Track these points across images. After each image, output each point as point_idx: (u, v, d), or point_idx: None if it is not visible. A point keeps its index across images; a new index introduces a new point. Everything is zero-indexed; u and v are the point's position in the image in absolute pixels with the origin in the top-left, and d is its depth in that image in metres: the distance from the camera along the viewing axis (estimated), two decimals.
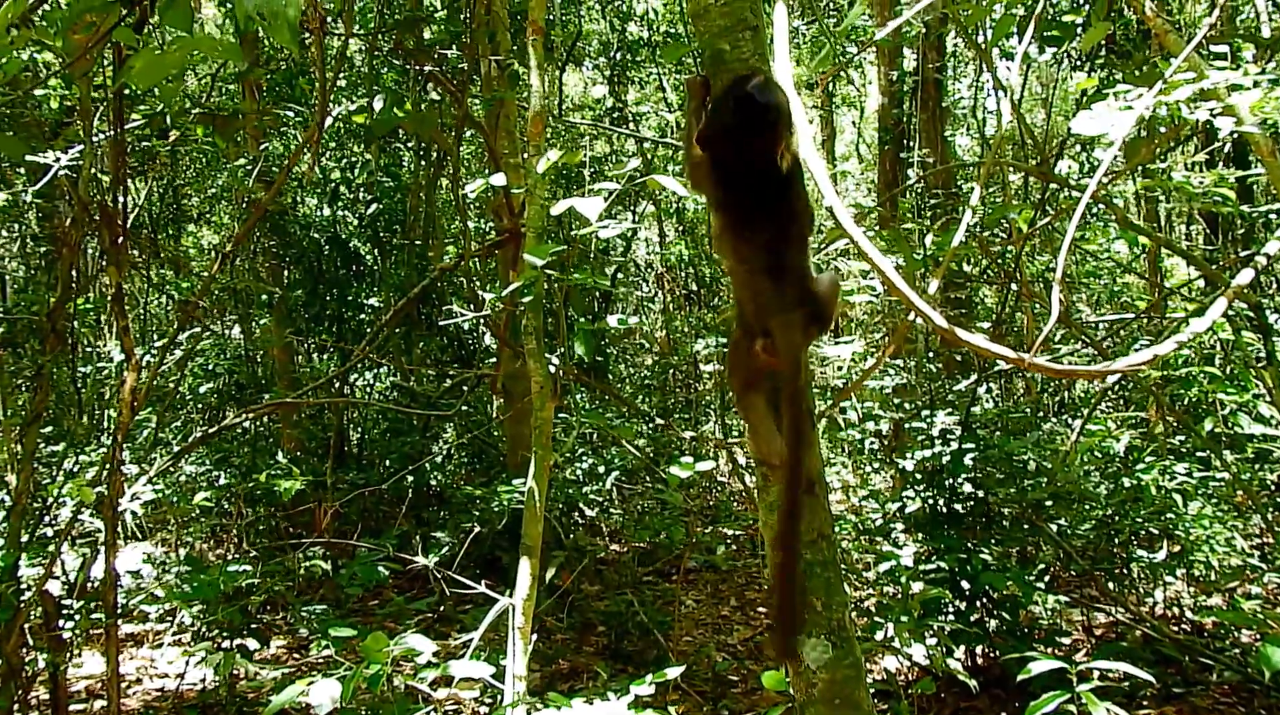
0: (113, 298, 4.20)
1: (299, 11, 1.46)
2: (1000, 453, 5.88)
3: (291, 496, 6.23)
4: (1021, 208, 4.86)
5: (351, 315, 9.69)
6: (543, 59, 4.02)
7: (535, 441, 3.81)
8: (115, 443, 4.33)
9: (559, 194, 9.62)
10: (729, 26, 2.22)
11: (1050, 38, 4.64)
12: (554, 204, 3.76)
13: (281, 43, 1.43)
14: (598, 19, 11.87)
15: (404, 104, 6.33)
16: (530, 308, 3.89)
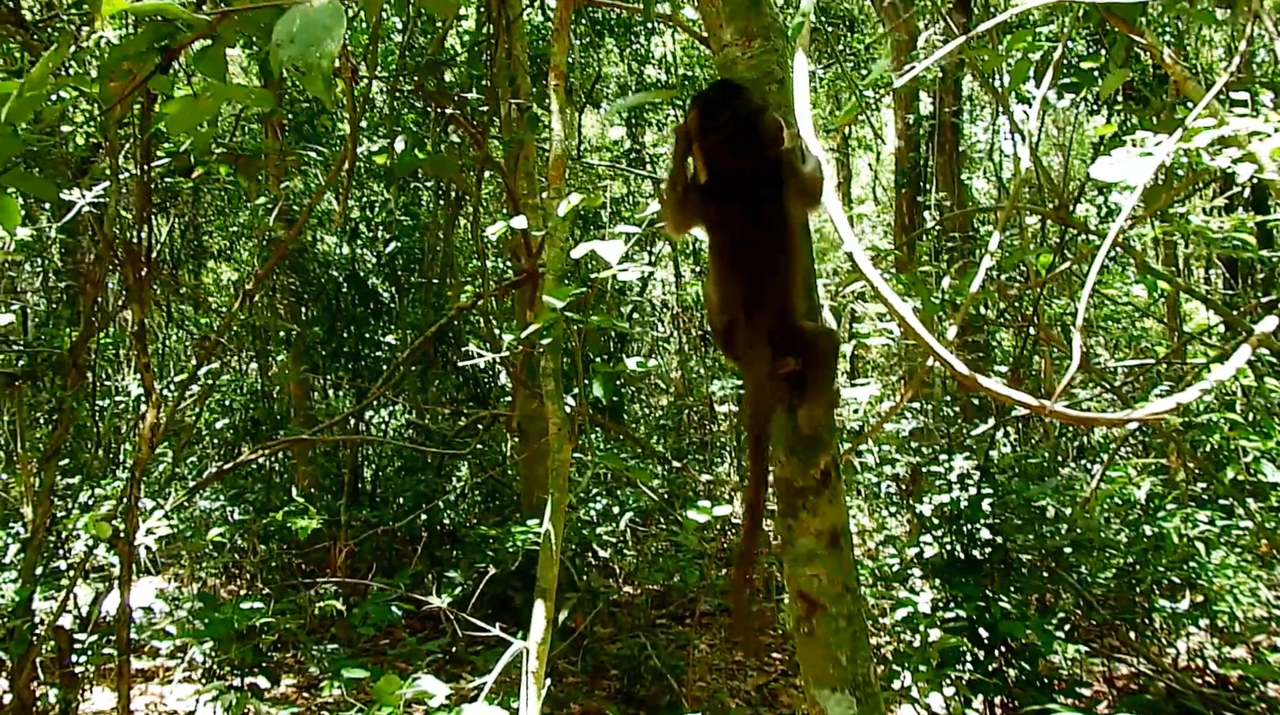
0: (134, 335, 4.22)
1: (333, 63, 1.48)
2: (1019, 498, 5.84)
3: (307, 535, 6.22)
4: (1040, 252, 4.86)
5: (368, 353, 9.72)
6: (564, 104, 4.05)
7: (552, 483, 3.80)
8: (133, 479, 4.34)
9: (577, 235, 9.66)
10: (756, 79, 2.24)
11: (1068, 84, 4.65)
12: (574, 247, 3.77)
13: (315, 93, 1.44)
14: (616, 62, 11.97)
15: (424, 146, 6.39)
16: (549, 350, 3.89)
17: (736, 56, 2.25)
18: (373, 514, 8.42)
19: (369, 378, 9.26)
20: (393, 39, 8.84)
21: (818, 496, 2.16)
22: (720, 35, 2.26)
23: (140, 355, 4.40)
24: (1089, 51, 6.68)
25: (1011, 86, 4.97)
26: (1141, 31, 3.78)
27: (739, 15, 2.24)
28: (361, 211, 9.90)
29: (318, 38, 1.56)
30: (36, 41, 4.66)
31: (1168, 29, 7.84)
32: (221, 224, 10.28)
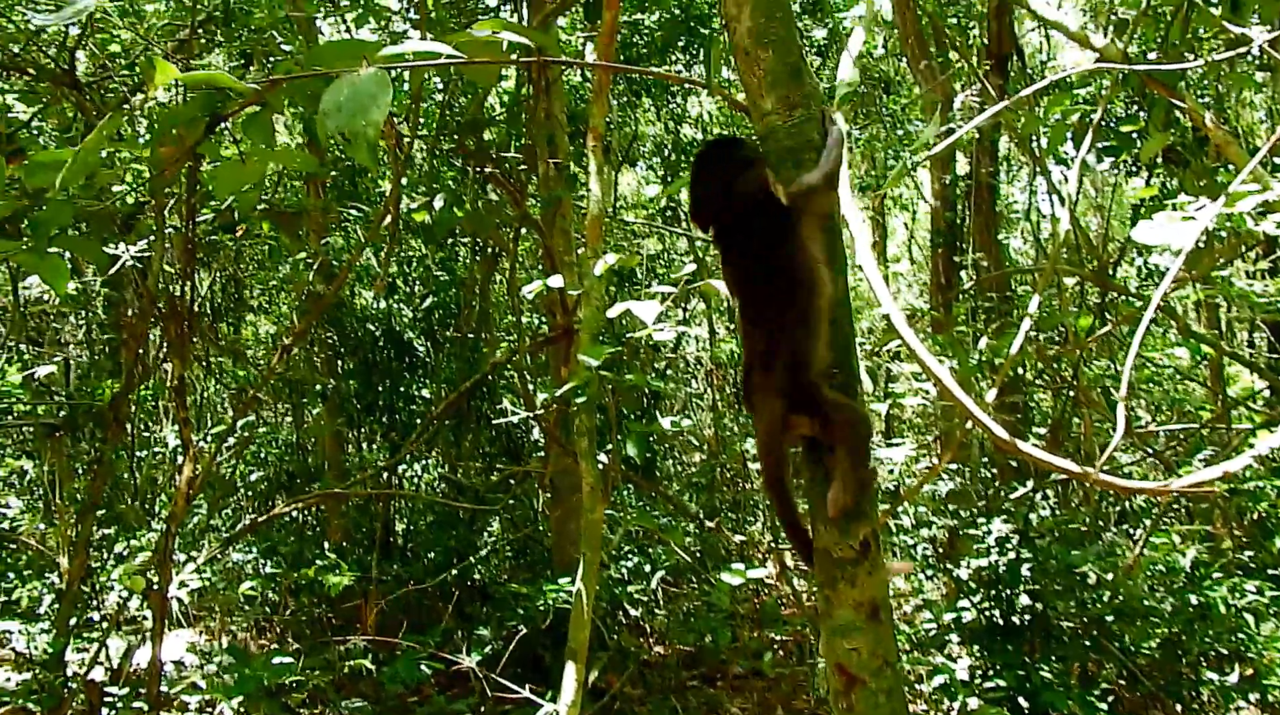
0: (174, 389, 4.26)
1: (379, 132, 1.50)
2: (1059, 564, 5.73)
3: (339, 591, 6.22)
4: (1080, 314, 4.82)
5: (403, 406, 9.76)
6: (602, 164, 4.09)
7: (584, 543, 3.78)
8: (168, 533, 4.36)
9: (613, 292, 9.69)
10: (794, 147, 2.24)
11: (1107, 148, 4.64)
12: (609, 305, 3.78)
13: (360, 161, 1.46)
14: (653, 121, 12.08)
15: (463, 204, 6.46)
16: (583, 408, 3.89)
17: (777, 125, 2.25)
18: (404, 569, 8.40)
19: (403, 432, 9.28)
20: (434, 98, 8.98)
21: (856, 567, 2.13)
22: (761, 104, 2.27)
23: (180, 409, 4.45)
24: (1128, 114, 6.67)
25: (1049, 149, 4.97)
26: (1182, 95, 3.77)
27: (780, 84, 2.25)
28: (399, 267, 10.00)
29: (364, 107, 1.58)
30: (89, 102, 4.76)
31: (1207, 91, 7.82)
32: (262, 278, 10.41)
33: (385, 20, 6.88)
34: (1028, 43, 12.42)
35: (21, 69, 5.63)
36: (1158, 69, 3.72)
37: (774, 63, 2.26)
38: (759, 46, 2.26)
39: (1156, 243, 3.25)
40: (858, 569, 2.13)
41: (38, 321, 9.28)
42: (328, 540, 9.05)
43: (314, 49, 1.81)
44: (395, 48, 1.77)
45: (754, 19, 2.27)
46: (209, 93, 1.75)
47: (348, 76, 1.63)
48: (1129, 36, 4.22)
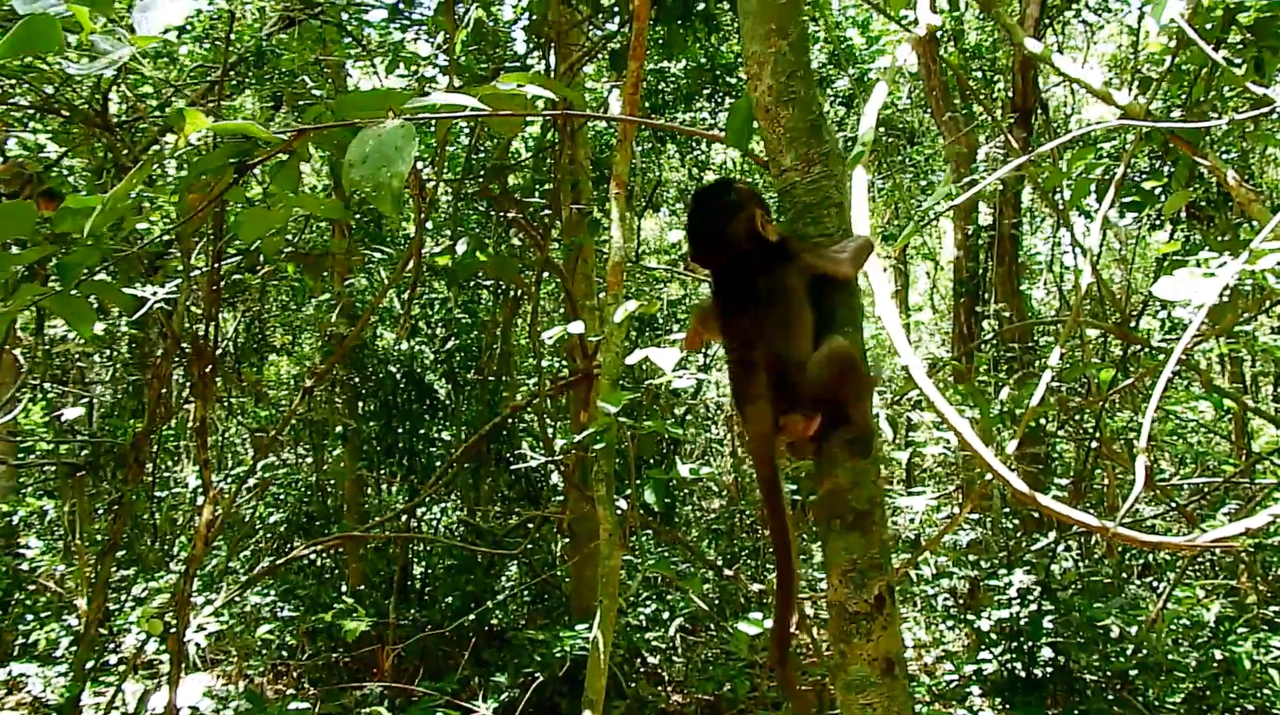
0: (196, 431, 4.29)
1: (403, 182, 1.52)
2: (1082, 617, 5.67)
3: (355, 637, 6.20)
4: (1102, 366, 4.80)
5: (423, 449, 9.77)
6: (625, 212, 4.11)
7: (602, 591, 3.76)
8: (186, 576, 4.37)
9: (633, 337, 9.72)
10: (813, 203, 2.26)
11: (1130, 203, 4.64)
12: (630, 351, 3.79)
13: (384, 211, 1.48)
14: (677, 168, 12.17)
15: (486, 247, 6.50)
16: (602, 455, 3.88)
17: (795, 181, 2.27)
18: (421, 613, 8.37)
19: (422, 474, 9.29)
20: (460, 142, 9.08)
21: (871, 622, 2.11)
22: (780, 160, 2.29)
23: (201, 450, 4.47)
24: (1151, 168, 6.68)
25: (1072, 203, 4.96)
26: (1205, 153, 3.77)
27: (800, 142, 2.27)
28: (421, 309, 10.06)
29: (389, 159, 1.60)
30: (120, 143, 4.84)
31: (1231, 147, 7.82)
32: (285, 319, 10.49)
33: (415, 66, 6.97)
34: (1052, 97, 12.48)
35: (55, 110, 5.75)
36: (1181, 127, 3.73)
37: (794, 120, 2.28)
38: (780, 104, 2.29)
39: (1178, 298, 3.25)
40: (873, 624, 2.11)
41: (62, 360, 9.37)
42: (346, 583, 9.03)
43: (341, 98, 1.84)
44: (422, 99, 1.80)
45: (775, 78, 2.30)
46: (238, 141, 1.78)
47: (374, 128, 1.66)
48: (1153, 94, 4.23)
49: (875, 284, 2.40)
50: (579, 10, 6.67)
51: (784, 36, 2.31)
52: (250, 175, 2.06)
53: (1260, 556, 5.90)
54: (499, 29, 6.80)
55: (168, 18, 1.57)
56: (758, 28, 2.33)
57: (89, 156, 7.03)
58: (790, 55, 2.31)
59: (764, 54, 2.32)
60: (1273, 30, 4.41)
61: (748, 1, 2.36)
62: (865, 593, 2.12)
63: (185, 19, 6.30)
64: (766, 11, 2.32)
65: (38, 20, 1.47)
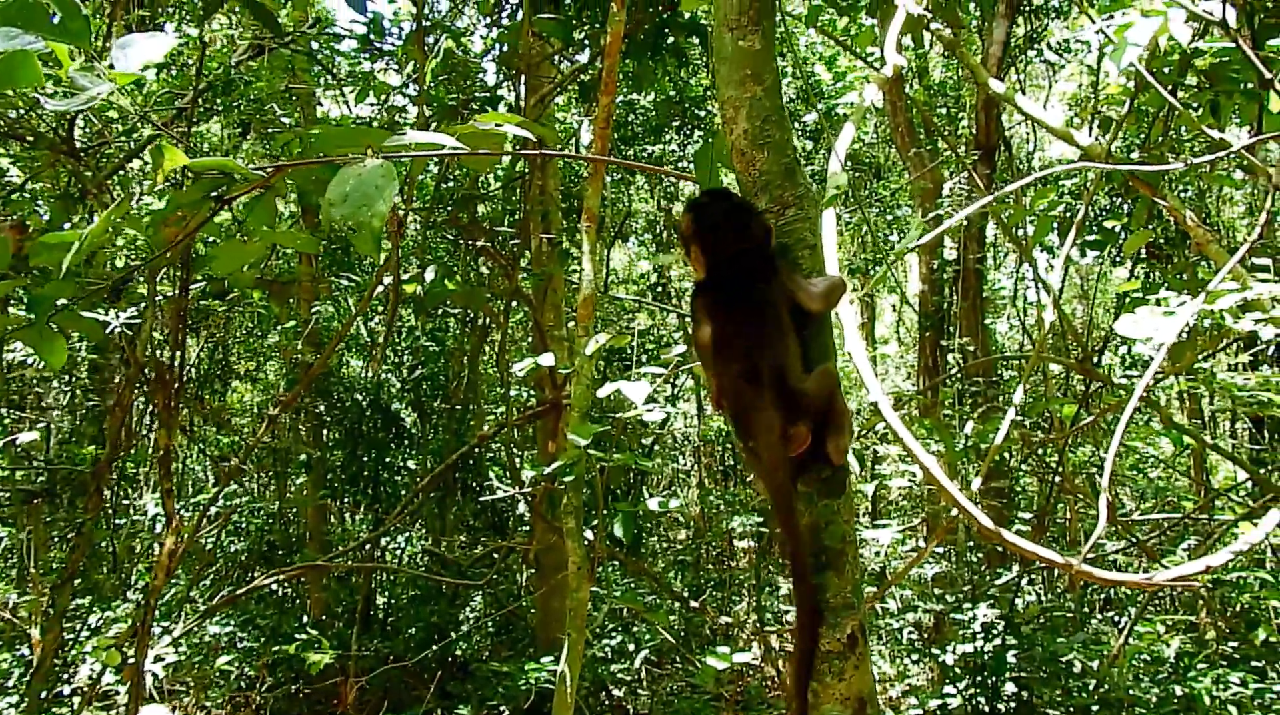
0: (159, 459, 4.24)
1: (384, 222, 1.53)
2: (1045, 651, 5.71)
3: (319, 670, 6.12)
4: (1064, 402, 4.86)
5: (388, 477, 9.70)
6: (595, 245, 4.13)
7: (570, 624, 3.74)
8: (146, 606, 4.31)
9: (602, 367, 9.72)
10: (787, 245, 2.31)
11: (1092, 242, 4.72)
12: (600, 383, 3.80)
13: (364, 251, 1.49)
14: (647, 199, 12.24)
15: (454, 276, 6.50)
16: (571, 487, 3.88)
17: (770, 223, 2.31)
18: (385, 644, 8.29)
19: (387, 503, 9.22)
20: (429, 171, 9.08)
21: (844, 661, 2.12)
22: (756, 202, 2.33)
23: (164, 479, 4.42)
24: (1111, 207, 6.80)
25: (1035, 239, 5.04)
26: (1164, 194, 3.85)
27: (775, 185, 2.32)
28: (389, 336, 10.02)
29: (370, 198, 1.61)
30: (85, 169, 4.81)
31: (1190, 186, 7.97)
32: (250, 345, 10.41)
33: (385, 95, 6.99)
34: (1015, 134, 12.68)
35: (19, 135, 5.69)
36: (1141, 169, 3.81)
37: (769, 164, 2.32)
38: (755, 148, 2.33)
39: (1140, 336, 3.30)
40: (845, 663, 2.12)
41: (19, 385, 9.24)
42: (308, 613, 8.93)
43: (318, 135, 1.85)
44: (400, 138, 1.81)
45: (750, 122, 2.34)
46: (214, 175, 1.79)
47: (354, 167, 1.66)
48: (1113, 135, 4.32)
49: (843, 317, 2.44)
50: (549, 43, 6.71)
51: (759, 82, 2.35)
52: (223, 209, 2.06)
53: (1219, 592, 5.96)
54: (469, 60, 6.83)
55: (147, 55, 1.58)
56: (733, 73, 2.37)
57: (53, 182, 6.97)
58: (765, 100, 2.35)
59: (739, 99, 2.36)
60: (1227, 75, 4.52)
61: (723, 48, 2.40)
62: (838, 631, 2.13)
63: None
64: (741, 58, 2.36)
65: (17, 57, 1.47)
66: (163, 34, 1.62)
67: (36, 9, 1.48)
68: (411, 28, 6.02)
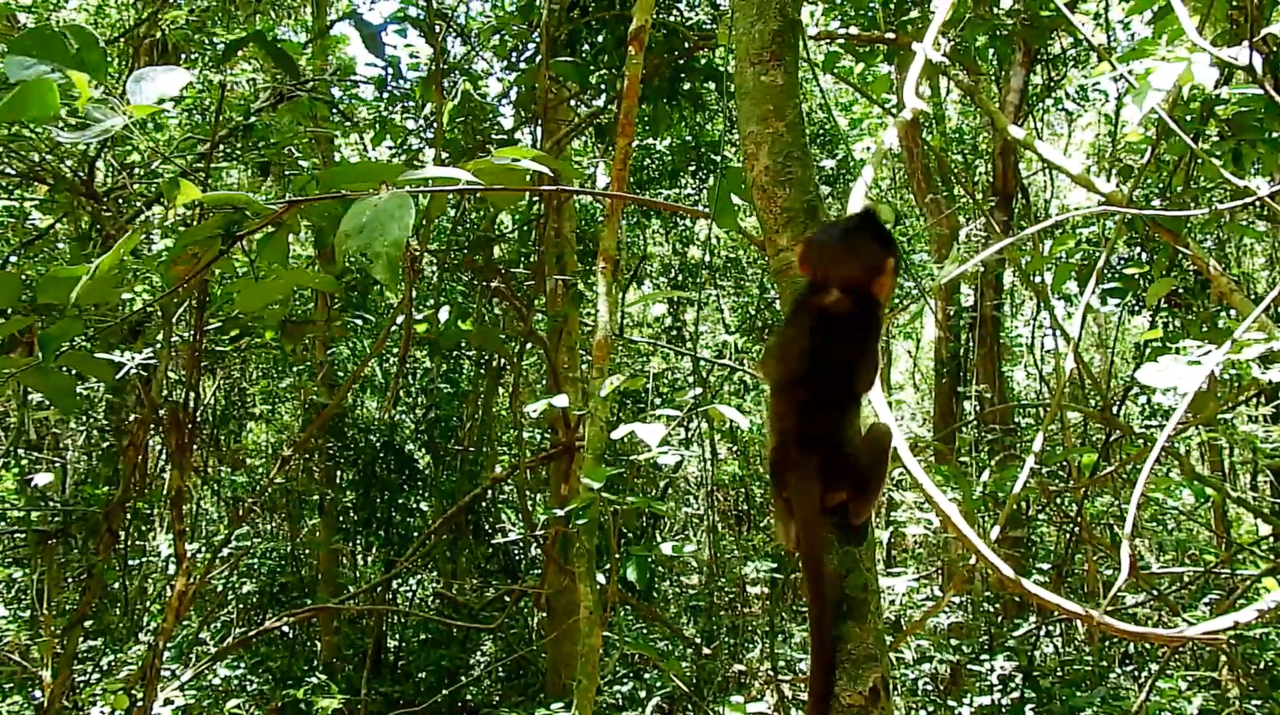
0: (172, 501, 4.22)
1: (400, 251, 1.51)
2: (1064, 706, 5.61)
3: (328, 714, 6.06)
4: (1084, 451, 4.80)
5: (401, 519, 9.66)
6: (611, 287, 4.11)
7: (580, 670, 3.68)
8: (156, 649, 4.27)
9: (615, 410, 9.69)
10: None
11: (1112, 289, 4.69)
12: (614, 426, 3.77)
13: (381, 280, 1.47)
14: (661, 242, 12.26)
15: (469, 317, 6.50)
16: (584, 530, 3.83)
17: (791, 261, 2.27)
18: (395, 688, 8.21)
19: (399, 545, 9.17)
20: (447, 212, 9.12)
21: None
22: (776, 240, 2.30)
23: (177, 521, 4.40)
24: (1132, 255, 6.77)
25: (1054, 286, 5.01)
26: (1187, 243, 3.81)
27: (796, 222, 2.29)
28: (403, 378, 10.02)
29: (385, 228, 1.59)
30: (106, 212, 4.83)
31: (1209, 236, 7.93)
32: (265, 386, 10.42)
33: (402, 139, 7.02)
34: (1033, 182, 12.68)
35: (41, 178, 5.73)
36: (1164, 215, 3.78)
37: (791, 200, 2.30)
38: (776, 184, 2.31)
39: (1163, 385, 3.26)
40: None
41: (38, 426, 9.25)
42: (318, 656, 8.86)
43: (332, 169, 1.83)
44: (415, 173, 1.79)
45: (772, 158, 2.32)
46: (227, 212, 1.77)
47: (371, 198, 1.65)
48: (1134, 183, 4.30)
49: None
50: (567, 86, 6.75)
51: (781, 118, 2.33)
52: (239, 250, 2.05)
53: (1242, 649, 5.85)
54: (486, 103, 6.87)
55: (163, 89, 1.57)
56: (755, 109, 2.35)
57: (74, 225, 7.01)
58: (787, 136, 2.33)
59: (761, 134, 2.34)
60: (1250, 124, 4.50)
61: (744, 83, 2.39)
62: (860, 684, 2.07)
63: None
64: (763, 94, 2.34)
65: (35, 85, 1.46)
66: (179, 70, 1.61)
67: (54, 40, 1.48)
68: (429, 70, 6.06)
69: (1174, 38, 3.30)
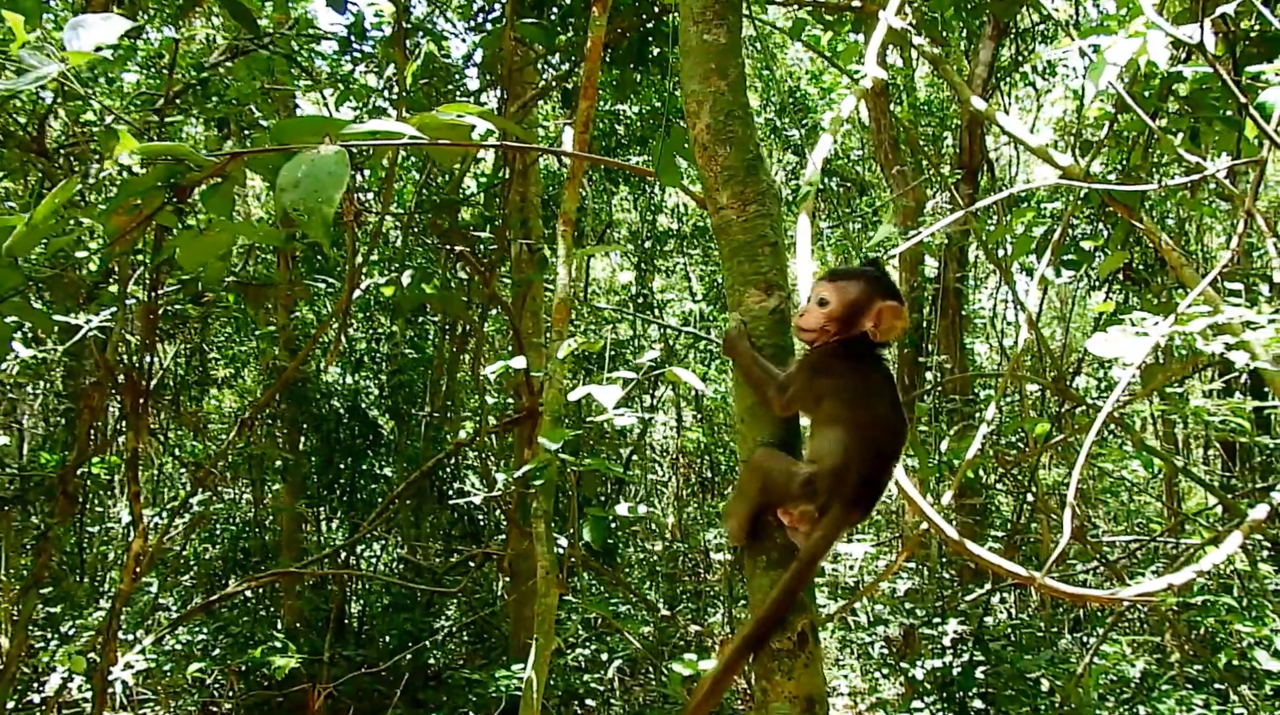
0: (128, 462, 4.20)
1: (334, 209, 1.51)
2: (1013, 669, 5.71)
3: (285, 674, 6.06)
4: (1038, 421, 4.87)
5: (364, 484, 9.65)
6: (572, 249, 4.12)
7: (538, 629, 3.71)
8: (114, 611, 4.26)
9: (580, 376, 9.71)
10: (749, 242, 2.28)
11: (1069, 261, 4.74)
12: (573, 389, 3.78)
13: (315, 237, 1.47)
14: (629, 209, 12.24)
15: (432, 280, 6.48)
16: (541, 491, 3.85)
17: (731, 219, 2.29)
18: (358, 652, 8.23)
19: (363, 510, 9.17)
20: (411, 176, 9.06)
21: (794, 660, 2.10)
22: (717, 198, 2.31)
23: (132, 483, 4.38)
24: (1090, 230, 6.83)
25: (1014, 257, 5.06)
26: (1141, 217, 3.86)
27: (736, 180, 2.29)
28: (367, 343, 9.98)
29: (322, 185, 1.59)
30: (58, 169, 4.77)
31: (1169, 214, 8.01)
32: (228, 352, 10.34)
33: (365, 99, 6.96)
34: (999, 157, 12.74)
35: None
36: (1118, 189, 3.82)
37: (731, 159, 2.31)
38: (717, 143, 2.31)
39: (1110, 355, 3.32)
40: (795, 662, 2.10)
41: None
42: (281, 621, 8.86)
43: (277, 124, 1.83)
44: (359, 126, 1.79)
45: (713, 116, 2.32)
46: (170, 163, 1.76)
47: (307, 153, 1.65)
48: (1092, 157, 4.34)
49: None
50: (532, 49, 6.71)
51: (723, 77, 2.34)
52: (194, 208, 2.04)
53: (1186, 616, 5.98)
54: (450, 66, 6.82)
55: (100, 37, 1.56)
56: (696, 68, 2.36)
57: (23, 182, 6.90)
58: (728, 95, 2.34)
59: (703, 93, 2.34)
60: (1208, 102, 4.55)
61: (688, 41, 2.39)
62: (788, 630, 2.11)
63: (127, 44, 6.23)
64: (706, 52, 2.35)
65: None
66: (116, 17, 1.60)
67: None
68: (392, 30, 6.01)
69: (1134, 14, 3.33)
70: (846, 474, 2.16)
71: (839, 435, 2.17)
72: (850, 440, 2.16)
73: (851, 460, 2.16)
